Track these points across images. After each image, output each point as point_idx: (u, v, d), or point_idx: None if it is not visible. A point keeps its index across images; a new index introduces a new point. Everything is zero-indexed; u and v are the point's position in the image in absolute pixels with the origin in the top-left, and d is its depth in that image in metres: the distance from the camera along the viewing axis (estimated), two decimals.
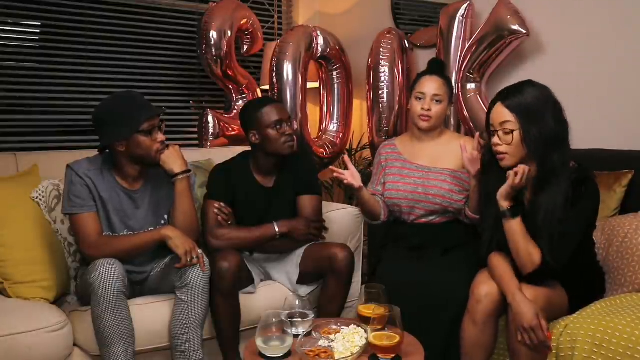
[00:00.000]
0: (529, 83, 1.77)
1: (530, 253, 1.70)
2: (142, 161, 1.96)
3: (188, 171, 2.02)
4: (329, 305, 2.13)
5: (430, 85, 2.15)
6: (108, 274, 1.76)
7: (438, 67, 2.26)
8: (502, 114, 1.73)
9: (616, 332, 1.51)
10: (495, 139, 1.75)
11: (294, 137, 2.21)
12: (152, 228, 2.00)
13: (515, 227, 1.73)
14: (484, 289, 1.77)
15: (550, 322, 1.70)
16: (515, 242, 1.73)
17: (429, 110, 2.13)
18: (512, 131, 1.71)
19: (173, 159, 1.99)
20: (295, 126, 2.51)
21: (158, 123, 1.95)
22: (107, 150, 1.98)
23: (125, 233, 1.97)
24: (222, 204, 2.18)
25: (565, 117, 1.74)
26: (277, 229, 2.14)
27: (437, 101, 2.13)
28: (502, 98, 1.75)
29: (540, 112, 1.70)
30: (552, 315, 1.71)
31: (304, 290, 2.18)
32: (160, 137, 1.95)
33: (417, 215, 2.17)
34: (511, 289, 1.70)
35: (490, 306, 1.75)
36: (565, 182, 1.69)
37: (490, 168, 1.84)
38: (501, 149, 1.74)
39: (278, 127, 2.15)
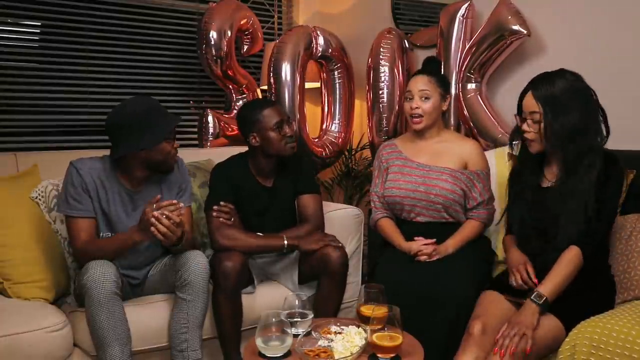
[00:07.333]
0: (561, 73, 1.79)
1: (572, 265, 1.73)
2: (159, 167, 1.97)
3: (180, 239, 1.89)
4: (324, 306, 2.12)
5: (416, 83, 2.16)
6: (100, 275, 1.75)
7: (429, 66, 2.26)
8: (531, 104, 1.78)
9: (613, 332, 1.51)
10: (525, 126, 1.82)
11: (295, 137, 2.21)
12: None
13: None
14: (478, 324, 1.70)
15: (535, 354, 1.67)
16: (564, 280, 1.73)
17: (417, 108, 2.13)
18: (539, 121, 1.77)
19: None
20: (294, 126, 2.52)
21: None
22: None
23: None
24: (221, 202, 2.17)
25: (597, 105, 1.79)
26: (285, 242, 2.13)
27: (425, 98, 2.13)
28: (534, 87, 1.80)
29: (567, 104, 1.74)
30: (539, 348, 1.66)
31: (306, 291, 2.17)
32: (176, 143, 2.00)
33: (417, 214, 2.16)
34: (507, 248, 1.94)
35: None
36: (596, 164, 1.74)
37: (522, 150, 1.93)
38: (529, 136, 1.81)
39: (279, 129, 2.15)
